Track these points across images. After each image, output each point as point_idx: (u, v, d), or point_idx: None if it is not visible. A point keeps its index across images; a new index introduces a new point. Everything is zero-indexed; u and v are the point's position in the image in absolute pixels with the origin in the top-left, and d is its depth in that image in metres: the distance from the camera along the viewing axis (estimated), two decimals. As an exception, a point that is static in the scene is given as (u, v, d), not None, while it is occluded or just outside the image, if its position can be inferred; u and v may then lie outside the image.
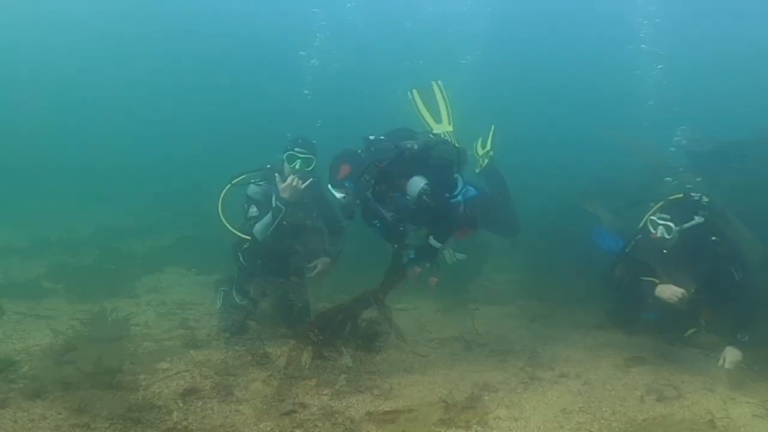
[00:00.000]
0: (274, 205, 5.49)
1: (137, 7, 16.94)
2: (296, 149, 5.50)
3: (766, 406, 4.48)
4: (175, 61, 17.37)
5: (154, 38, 16.88)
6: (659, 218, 5.19)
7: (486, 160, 6.18)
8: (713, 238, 5.16)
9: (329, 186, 5.47)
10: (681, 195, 5.48)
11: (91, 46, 17.10)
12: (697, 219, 5.16)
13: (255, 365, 5.03)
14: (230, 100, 16.93)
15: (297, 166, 5.48)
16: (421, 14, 14.11)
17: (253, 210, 5.62)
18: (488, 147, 6.27)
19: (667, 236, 5.13)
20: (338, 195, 5.32)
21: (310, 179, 5.52)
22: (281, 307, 6.05)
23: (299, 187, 5.44)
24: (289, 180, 5.43)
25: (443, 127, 6.08)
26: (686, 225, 5.13)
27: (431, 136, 5.80)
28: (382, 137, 5.47)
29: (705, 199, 5.42)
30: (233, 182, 5.69)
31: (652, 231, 5.19)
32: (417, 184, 5.04)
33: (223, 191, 5.64)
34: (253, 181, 5.66)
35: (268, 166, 5.71)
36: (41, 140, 15.91)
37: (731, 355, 4.92)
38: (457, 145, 5.76)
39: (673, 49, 11.61)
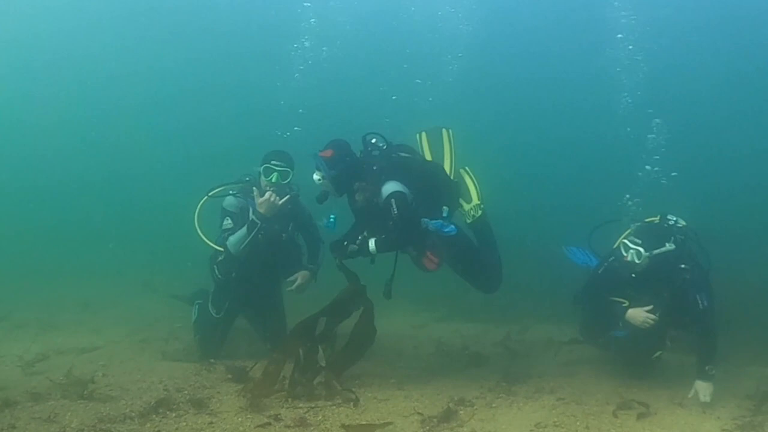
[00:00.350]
0: (250, 218, 5.47)
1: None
2: (273, 162, 5.49)
3: (735, 421, 4.55)
4: (160, 60, 17.10)
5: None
6: (631, 242, 5.23)
7: (479, 212, 5.80)
8: (682, 265, 5.23)
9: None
10: (657, 218, 5.55)
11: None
12: (668, 246, 5.18)
13: (230, 378, 4.99)
14: (220, 99, 16.67)
15: (274, 179, 5.46)
16: (409, 14, 14.28)
17: (228, 222, 5.58)
18: (474, 200, 5.84)
19: (636, 261, 5.17)
20: (315, 176, 5.18)
21: (288, 195, 5.51)
22: (257, 320, 6.03)
23: (276, 203, 5.43)
24: (266, 195, 5.41)
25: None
26: (656, 251, 5.16)
27: (431, 160, 5.66)
28: (383, 144, 5.34)
29: (681, 222, 5.48)
30: (210, 194, 5.65)
31: (624, 254, 5.26)
32: (392, 187, 4.97)
33: (200, 203, 5.60)
34: (231, 192, 5.64)
35: (247, 178, 5.69)
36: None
37: (703, 389, 4.94)
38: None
39: (651, 40, 11.89)
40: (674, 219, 5.49)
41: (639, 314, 5.25)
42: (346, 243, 5.09)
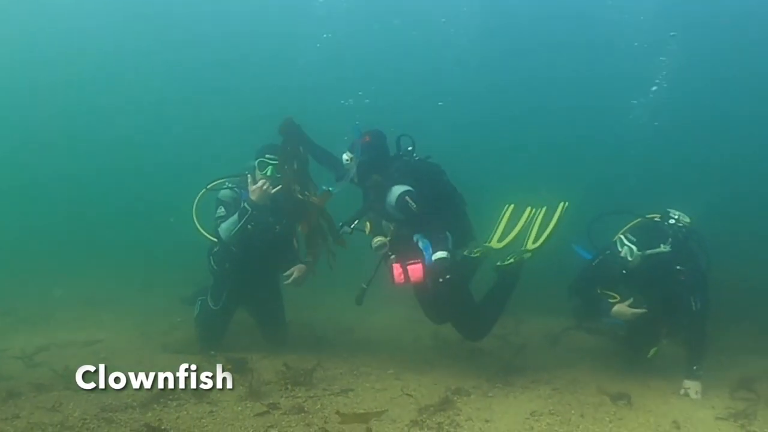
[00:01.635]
0: (242, 206, 5.54)
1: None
2: (267, 156, 5.57)
3: (728, 410, 4.60)
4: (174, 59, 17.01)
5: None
6: (627, 238, 5.25)
7: (514, 260, 5.58)
8: (678, 267, 5.20)
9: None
10: (658, 216, 5.52)
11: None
12: (663, 247, 5.14)
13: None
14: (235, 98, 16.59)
15: (268, 173, 5.54)
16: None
17: (221, 210, 5.64)
18: (538, 243, 5.63)
19: (629, 258, 5.19)
20: (344, 156, 5.31)
21: (280, 185, 5.57)
22: (256, 313, 6.08)
23: (269, 191, 5.50)
24: (259, 183, 5.49)
25: (495, 245, 5.71)
26: (648, 251, 5.15)
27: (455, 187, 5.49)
28: (415, 154, 5.36)
29: (685, 219, 5.41)
30: (208, 187, 5.72)
31: (619, 249, 5.28)
32: (403, 188, 4.98)
33: (198, 196, 5.68)
34: (227, 185, 5.71)
35: (247, 173, 5.75)
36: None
37: (691, 386, 5.02)
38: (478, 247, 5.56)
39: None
40: (677, 216, 5.44)
41: (625, 310, 5.27)
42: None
